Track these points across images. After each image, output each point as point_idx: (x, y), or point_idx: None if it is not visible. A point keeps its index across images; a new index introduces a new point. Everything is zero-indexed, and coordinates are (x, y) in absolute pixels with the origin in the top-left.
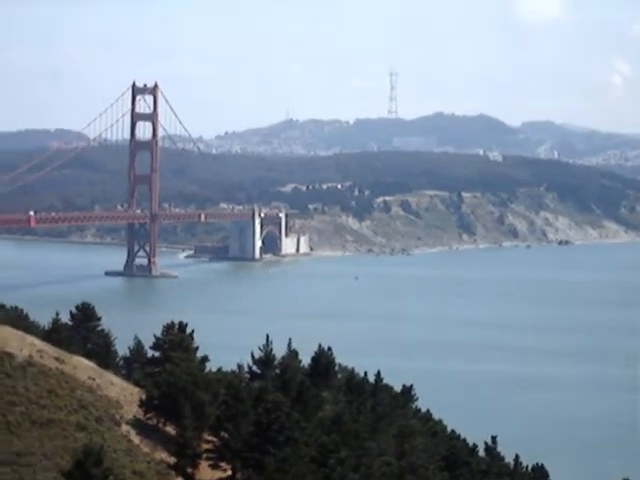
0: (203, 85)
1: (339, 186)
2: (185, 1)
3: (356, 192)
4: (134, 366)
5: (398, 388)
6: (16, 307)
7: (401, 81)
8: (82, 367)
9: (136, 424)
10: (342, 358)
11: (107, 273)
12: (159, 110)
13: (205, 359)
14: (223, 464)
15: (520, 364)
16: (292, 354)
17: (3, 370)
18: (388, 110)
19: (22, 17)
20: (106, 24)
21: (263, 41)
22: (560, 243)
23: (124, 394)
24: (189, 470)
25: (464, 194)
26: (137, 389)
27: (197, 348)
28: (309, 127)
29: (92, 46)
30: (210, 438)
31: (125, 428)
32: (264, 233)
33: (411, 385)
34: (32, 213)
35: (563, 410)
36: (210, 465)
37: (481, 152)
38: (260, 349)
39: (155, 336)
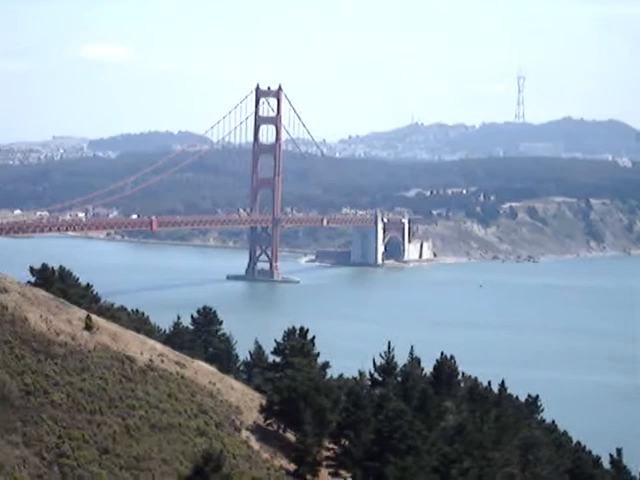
0: (327, 88)
1: (464, 191)
2: (310, 5)
3: (481, 198)
4: (255, 371)
5: (522, 398)
6: (137, 310)
7: (529, 85)
8: (203, 371)
9: (256, 430)
10: (465, 367)
11: (229, 277)
12: (283, 113)
13: (326, 365)
14: (343, 472)
15: None
16: (414, 362)
17: (124, 374)
18: (515, 114)
19: (147, 19)
20: (231, 26)
21: (388, 44)
22: None
23: (244, 399)
24: (309, 477)
25: (592, 201)
26: (257, 394)
27: (318, 354)
28: (434, 131)
29: (217, 48)
30: (330, 445)
31: (245, 434)
32: (387, 239)
33: (536, 396)
34: (154, 217)
35: None
36: (330, 473)
37: (610, 158)
38: (382, 356)
39: (276, 341)
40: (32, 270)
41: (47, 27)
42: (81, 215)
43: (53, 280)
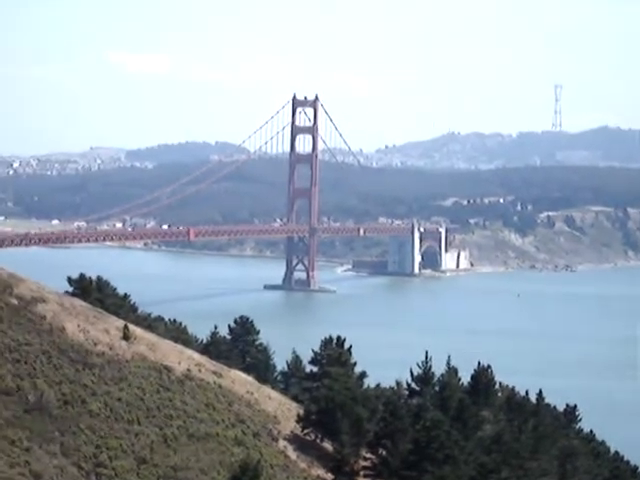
0: (364, 98)
1: (501, 200)
2: (346, 15)
3: (518, 207)
4: (292, 381)
5: (560, 407)
6: (174, 320)
7: (566, 93)
8: (240, 381)
9: (293, 440)
10: (502, 376)
11: (266, 287)
12: (319, 123)
13: (363, 375)
14: None
15: None
16: (451, 371)
17: (161, 383)
18: (552, 123)
19: (183, 30)
20: (267, 36)
21: (425, 53)
22: None
23: (282, 409)
24: None
25: (630, 210)
26: (295, 404)
27: (355, 363)
28: (471, 140)
29: (254, 58)
30: (368, 455)
31: (282, 443)
32: (423, 248)
33: (574, 405)
34: (192, 227)
35: None
36: None
37: None
38: (419, 365)
39: (313, 351)
40: (70, 280)
41: (84, 35)
42: (119, 225)
43: (91, 290)
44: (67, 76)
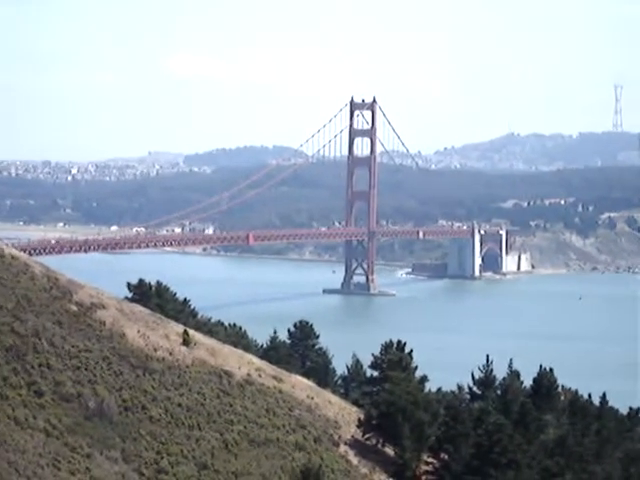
0: (422, 100)
1: (562, 202)
2: (402, 16)
3: (580, 208)
4: (352, 385)
5: (624, 411)
6: (234, 325)
7: (626, 93)
8: (300, 386)
9: (354, 444)
10: (564, 380)
11: (325, 291)
12: (377, 125)
13: (424, 379)
14: None
15: None
16: (513, 375)
17: (222, 388)
18: (613, 123)
19: (237, 33)
20: (324, 38)
21: (483, 54)
22: None
23: (342, 414)
24: None
25: None
26: (355, 409)
27: (416, 367)
28: (530, 141)
29: (310, 61)
30: (430, 459)
31: (343, 448)
32: (484, 250)
33: (638, 408)
34: (251, 232)
35: None
36: None
37: None
38: (480, 369)
39: (373, 355)
40: (129, 286)
41: (140, 41)
42: (177, 230)
43: (150, 295)
44: (125, 82)
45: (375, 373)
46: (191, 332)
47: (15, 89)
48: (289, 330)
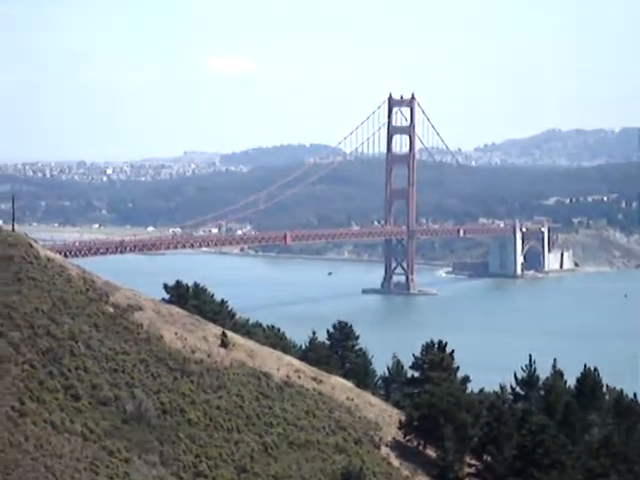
0: (462, 96)
1: (605, 199)
2: (441, 11)
3: (623, 205)
4: (393, 386)
5: None
6: (272, 326)
7: None
8: (340, 387)
9: (396, 446)
10: (609, 379)
11: (364, 291)
12: (416, 122)
13: (466, 379)
14: None
15: None
16: (557, 374)
17: (260, 390)
18: None
19: (270, 31)
20: (360, 35)
21: (523, 49)
22: None
23: (383, 415)
24: None
25: None
26: (396, 410)
27: (458, 368)
28: (572, 137)
29: (346, 58)
30: (472, 461)
31: (384, 450)
32: (526, 248)
33: None
34: (288, 232)
35: None
36: None
37: None
38: (523, 369)
39: (414, 356)
40: (166, 287)
41: (174, 40)
42: (214, 231)
43: (188, 297)
44: (160, 82)
45: (416, 374)
46: (229, 334)
47: (51, 89)
48: (328, 331)
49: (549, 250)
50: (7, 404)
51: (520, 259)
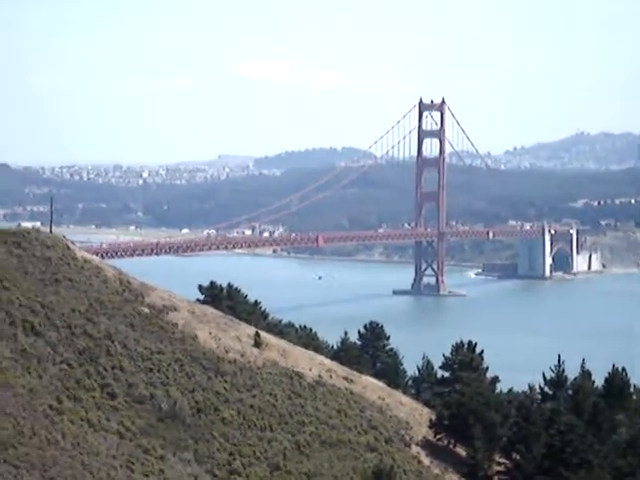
0: (491, 100)
1: (632, 201)
2: (470, 17)
3: None
4: (423, 386)
5: None
6: (305, 326)
7: None
8: (371, 387)
9: (426, 445)
10: (637, 380)
11: (395, 292)
12: (446, 126)
13: (495, 379)
14: None
15: None
16: (585, 375)
17: (293, 390)
18: None
19: (301, 35)
20: (390, 40)
21: (551, 54)
22: None
23: (413, 414)
24: None
25: None
26: (426, 409)
27: (487, 368)
28: (600, 140)
29: (377, 63)
30: (501, 460)
31: (415, 449)
32: (554, 250)
33: None
34: (320, 234)
35: None
36: None
37: None
38: (552, 369)
39: (444, 356)
40: (201, 288)
41: (209, 46)
42: (248, 232)
43: (222, 297)
44: (194, 87)
45: (446, 374)
46: (262, 334)
47: (87, 95)
48: (359, 331)
49: (577, 252)
50: (45, 402)
51: (549, 261)
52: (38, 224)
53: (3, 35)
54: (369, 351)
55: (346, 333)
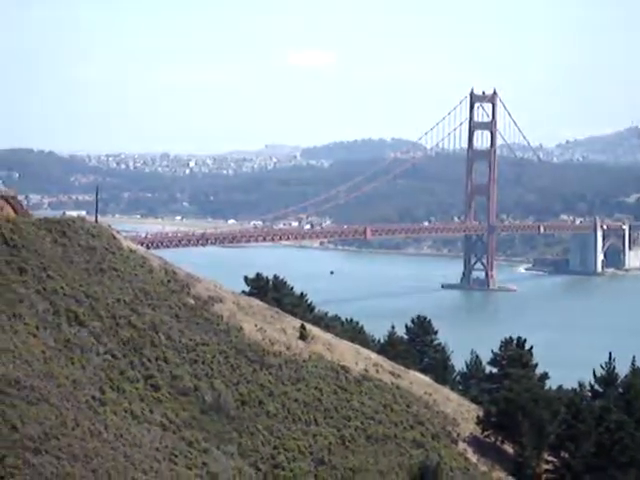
0: (544, 92)
1: None
2: (523, 8)
3: None
4: (471, 382)
5: None
6: (351, 320)
7: None
8: (418, 382)
9: (473, 441)
10: None
11: (443, 286)
12: (497, 118)
13: (545, 376)
14: None
15: None
16: (636, 372)
17: (339, 384)
18: None
19: (349, 25)
20: (440, 29)
21: (604, 46)
22: None
23: (460, 410)
24: None
25: None
26: (474, 406)
27: (536, 364)
28: None
29: (427, 53)
30: (550, 458)
31: (462, 445)
32: (606, 246)
33: None
34: (368, 226)
35: None
36: None
37: None
38: (602, 367)
39: (493, 352)
40: (246, 280)
41: (257, 35)
42: (295, 224)
43: (267, 289)
44: (242, 76)
45: (494, 370)
46: (308, 326)
47: (134, 85)
48: (407, 326)
49: (630, 248)
50: (88, 393)
51: (600, 256)
52: (83, 213)
53: (57, 26)
54: (416, 346)
55: (393, 327)
